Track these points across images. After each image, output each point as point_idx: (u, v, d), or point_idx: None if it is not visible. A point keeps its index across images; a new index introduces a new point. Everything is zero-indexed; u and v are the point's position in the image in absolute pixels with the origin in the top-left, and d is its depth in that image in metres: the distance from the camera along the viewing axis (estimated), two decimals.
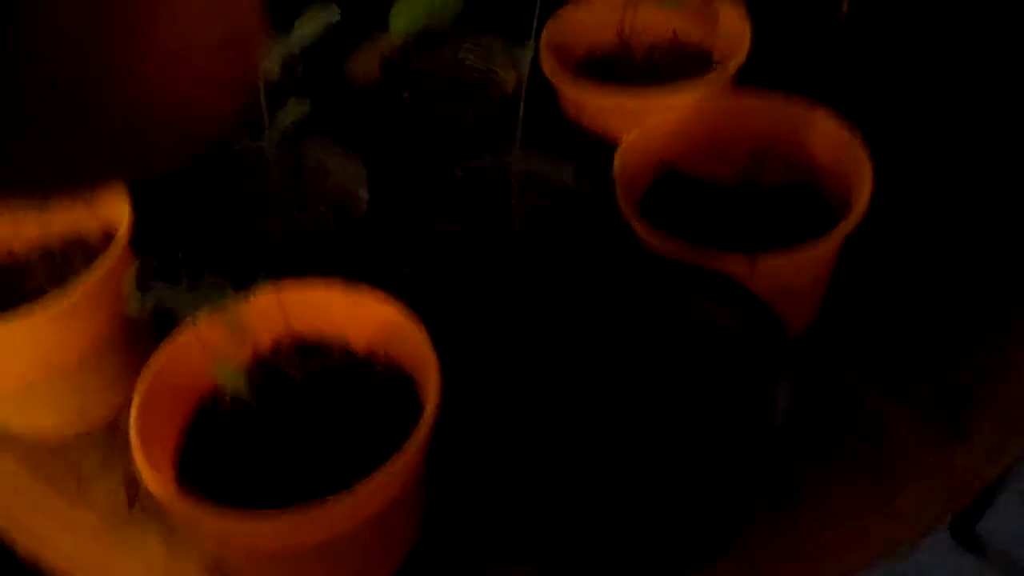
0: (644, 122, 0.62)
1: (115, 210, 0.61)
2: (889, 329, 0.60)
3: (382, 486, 0.43)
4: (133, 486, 0.58)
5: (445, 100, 0.74)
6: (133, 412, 0.47)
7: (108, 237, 0.64)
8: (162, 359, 0.49)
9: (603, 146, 0.67)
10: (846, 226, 0.53)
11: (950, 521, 0.53)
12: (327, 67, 0.70)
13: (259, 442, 0.50)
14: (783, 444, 0.48)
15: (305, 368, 0.54)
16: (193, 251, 0.60)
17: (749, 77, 0.66)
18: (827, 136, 0.60)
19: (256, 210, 0.64)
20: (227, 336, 0.47)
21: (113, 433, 0.61)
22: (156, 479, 0.45)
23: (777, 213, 0.62)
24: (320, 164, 0.64)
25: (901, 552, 0.51)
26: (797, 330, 0.60)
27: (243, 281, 0.52)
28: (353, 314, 0.52)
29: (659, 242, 0.54)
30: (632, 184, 0.61)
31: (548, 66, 0.66)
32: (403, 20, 0.53)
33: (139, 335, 0.59)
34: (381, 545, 0.50)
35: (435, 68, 0.74)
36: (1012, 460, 0.55)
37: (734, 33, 0.68)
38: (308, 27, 0.55)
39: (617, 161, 0.59)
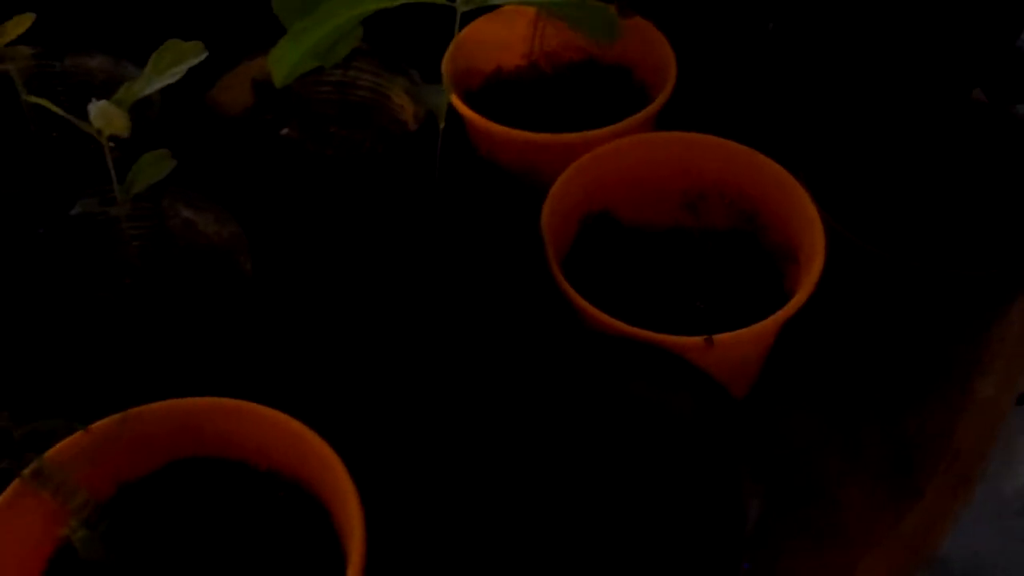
0: (567, 160, 0.55)
1: None
2: (834, 387, 0.57)
3: None
4: None
5: (333, 130, 0.63)
6: None
7: None
8: None
9: (522, 181, 0.59)
10: (803, 294, 0.48)
11: None
12: (187, 95, 0.57)
13: None
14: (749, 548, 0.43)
15: (185, 496, 0.44)
16: (24, 358, 0.49)
17: (672, 102, 0.60)
18: (767, 181, 0.54)
19: (110, 290, 0.52)
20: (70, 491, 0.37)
21: None
22: None
23: (716, 260, 0.57)
24: (187, 223, 0.53)
25: None
26: (741, 392, 0.55)
27: (98, 398, 0.42)
28: (245, 432, 0.43)
29: (605, 321, 0.47)
30: (561, 239, 0.54)
31: (456, 99, 0.57)
32: (285, 66, 0.43)
33: None
34: None
35: (319, 92, 0.63)
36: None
37: (657, 57, 0.61)
38: (166, 70, 0.43)
39: (545, 214, 0.52)
